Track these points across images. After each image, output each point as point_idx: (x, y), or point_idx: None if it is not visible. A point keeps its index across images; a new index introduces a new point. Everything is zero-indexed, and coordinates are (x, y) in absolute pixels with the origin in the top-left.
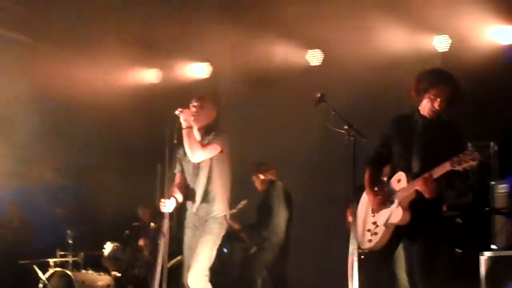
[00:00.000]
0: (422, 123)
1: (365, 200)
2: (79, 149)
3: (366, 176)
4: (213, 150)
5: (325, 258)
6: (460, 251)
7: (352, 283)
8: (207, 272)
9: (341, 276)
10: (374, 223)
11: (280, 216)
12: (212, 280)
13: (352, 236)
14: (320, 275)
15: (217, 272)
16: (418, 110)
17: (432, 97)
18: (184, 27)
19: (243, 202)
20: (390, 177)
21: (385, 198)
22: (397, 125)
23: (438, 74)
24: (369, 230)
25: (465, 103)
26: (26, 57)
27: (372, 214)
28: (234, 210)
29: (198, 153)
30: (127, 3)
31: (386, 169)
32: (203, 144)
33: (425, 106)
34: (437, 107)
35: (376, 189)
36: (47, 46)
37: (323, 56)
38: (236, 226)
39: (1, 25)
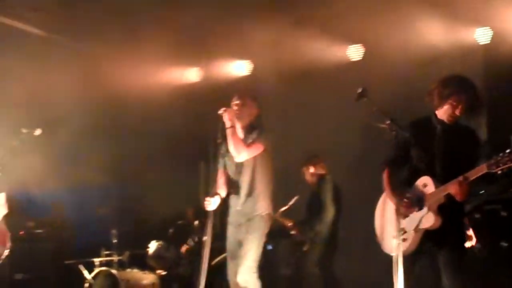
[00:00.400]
0: (441, 128)
1: (385, 204)
2: (123, 148)
3: (385, 179)
4: (256, 149)
5: (371, 253)
6: (506, 244)
7: (397, 278)
8: (255, 269)
9: (387, 270)
10: (402, 229)
11: (331, 211)
12: (264, 277)
13: (396, 230)
14: (366, 270)
15: (267, 269)
16: (435, 114)
17: (454, 103)
18: (224, 25)
19: (295, 199)
20: (409, 180)
21: (411, 204)
22: (415, 129)
23: (461, 81)
24: (394, 237)
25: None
26: (69, 58)
27: (398, 220)
28: (286, 207)
29: (242, 153)
30: (168, 2)
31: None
32: (247, 144)
33: (445, 111)
34: (457, 114)
35: (399, 193)
36: (89, 47)
37: (363, 51)
38: (289, 222)
39: (43, 28)
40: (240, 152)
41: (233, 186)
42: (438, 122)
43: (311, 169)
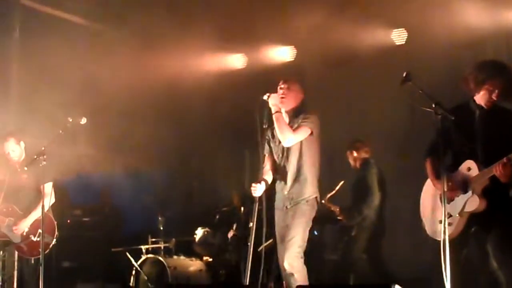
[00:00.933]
0: (480, 113)
1: (430, 190)
2: (169, 136)
3: (428, 166)
4: (303, 133)
5: (417, 238)
6: None
7: (444, 263)
8: (302, 254)
9: (434, 255)
10: (447, 213)
11: (377, 195)
12: (311, 262)
13: (441, 215)
14: (413, 255)
15: (314, 254)
16: (473, 100)
17: (490, 88)
18: (268, 11)
19: (340, 184)
20: (453, 165)
21: (455, 187)
22: (456, 114)
23: (496, 66)
24: (441, 221)
25: None
26: (118, 47)
27: (443, 205)
28: (332, 192)
29: (289, 138)
30: None
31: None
32: (293, 128)
33: (482, 97)
34: (494, 99)
35: (443, 179)
36: (138, 36)
37: (407, 35)
38: (336, 208)
39: (87, 17)
40: (287, 137)
41: (279, 171)
42: (477, 107)
43: (354, 154)
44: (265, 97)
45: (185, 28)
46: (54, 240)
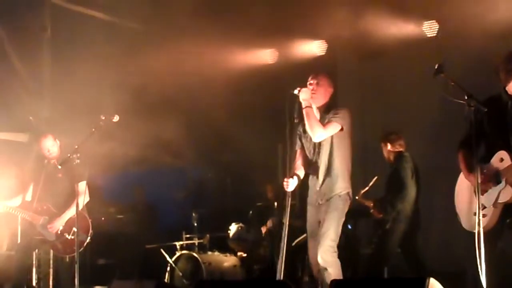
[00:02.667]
0: None
1: (464, 183)
2: (201, 131)
3: (461, 159)
4: (334, 129)
5: (452, 230)
6: None
7: (480, 254)
8: (335, 248)
9: (469, 247)
10: (481, 205)
11: (411, 188)
12: (344, 256)
13: (475, 207)
14: (449, 247)
15: (347, 248)
16: (506, 90)
17: None
18: (298, 6)
19: (374, 179)
20: (486, 157)
21: (488, 179)
22: (488, 106)
23: None
24: (475, 214)
25: None
26: (146, 45)
27: (476, 196)
28: (366, 188)
29: (319, 133)
30: None
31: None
32: (323, 123)
33: None
34: None
35: (476, 171)
36: (165, 32)
37: (438, 27)
38: (369, 202)
39: (117, 14)
40: (317, 132)
41: (311, 167)
42: (509, 97)
43: (389, 146)
44: (295, 91)
45: (215, 23)
46: (89, 238)
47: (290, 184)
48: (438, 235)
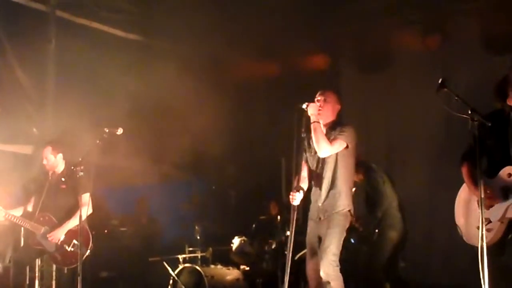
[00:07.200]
0: None
1: (465, 196)
2: (205, 145)
3: (465, 174)
4: (339, 146)
5: (453, 244)
6: None
7: (483, 268)
8: (337, 262)
9: (470, 260)
10: (486, 219)
11: (385, 194)
12: (348, 269)
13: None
14: (449, 261)
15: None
16: (507, 104)
17: None
18: (302, 19)
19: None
20: (488, 171)
21: (495, 194)
22: (490, 120)
23: None
24: (478, 227)
25: None
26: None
27: (481, 211)
28: None
29: (326, 149)
30: None
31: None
32: (329, 140)
33: None
34: None
35: (479, 185)
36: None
37: (442, 40)
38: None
39: (122, 28)
40: (323, 148)
41: (314, 181)
42: (510, 109)
43: None
44: (304, 106)
45: (221, 37)
46: (88, 251)
47: (297, 198)
48: (441, 249)
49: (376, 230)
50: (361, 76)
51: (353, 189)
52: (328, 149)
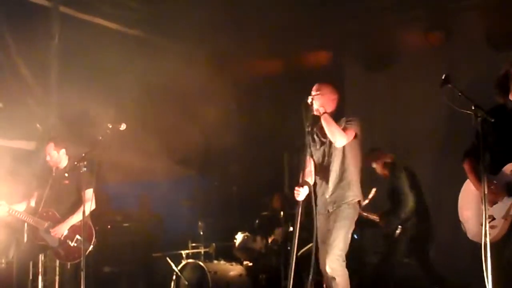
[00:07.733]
0: None
1: (468, 192)
2: (207, 141)
3: (469, 170)
4: (351, 135)
5: (457, 240)
6: None
7: (486, 265)
8: (344, 258)
9: (473, 258)
10: (490, 216)
11: (410, 195)
12: (351, 265)
13: (483, 218)
14: (453, 257)
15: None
16: (510, 99)
17: None
18: (307, 16)
19: (373, 191)
20: (492, 167)
21: (499, 190)
22: (493, 116)
23: None
24: (482, 224)
25: None
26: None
27: (484, 207)
28: (366, 201)
29: (341, 138)
30: None
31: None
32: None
33: None
34: None
35: (483, 181)
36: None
37: (446, 37)
38: (375, 216)
39: (125, 23)
40: (339, 138)
41: (320, 175)
42: None
43: (373, 165)
44: (309, 100)
45: (224, 33)
46: (91, 246)
47: (301, 193)
48: (445, 245)
49: (399, 227)
50: (365, 73)
51: (374, 191)
52: (344, 137)
